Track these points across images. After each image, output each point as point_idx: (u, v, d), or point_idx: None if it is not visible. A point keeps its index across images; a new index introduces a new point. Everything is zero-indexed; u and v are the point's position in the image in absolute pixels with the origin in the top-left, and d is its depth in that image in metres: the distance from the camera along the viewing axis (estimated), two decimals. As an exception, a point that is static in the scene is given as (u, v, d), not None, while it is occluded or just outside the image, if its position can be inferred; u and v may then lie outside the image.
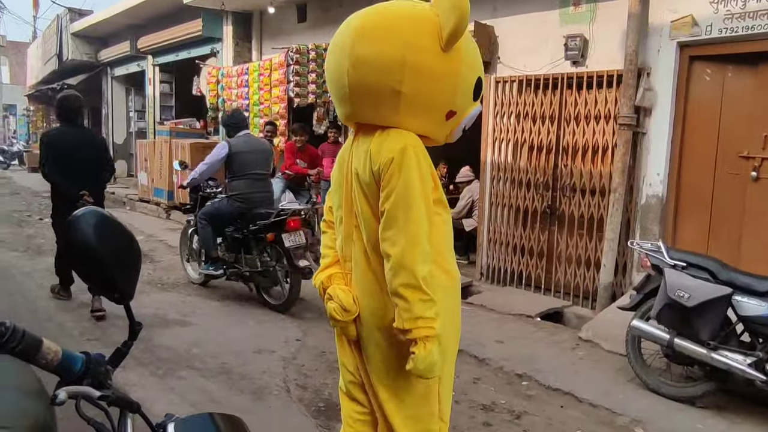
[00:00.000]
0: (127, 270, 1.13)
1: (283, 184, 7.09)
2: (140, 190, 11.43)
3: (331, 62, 1.73)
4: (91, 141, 4.85)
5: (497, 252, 6.18)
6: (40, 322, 4.42)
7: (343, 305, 1.75)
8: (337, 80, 1.70)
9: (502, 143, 6.09)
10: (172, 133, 10.08)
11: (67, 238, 1.08)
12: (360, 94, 1.67)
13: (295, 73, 7.35)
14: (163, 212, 10.38)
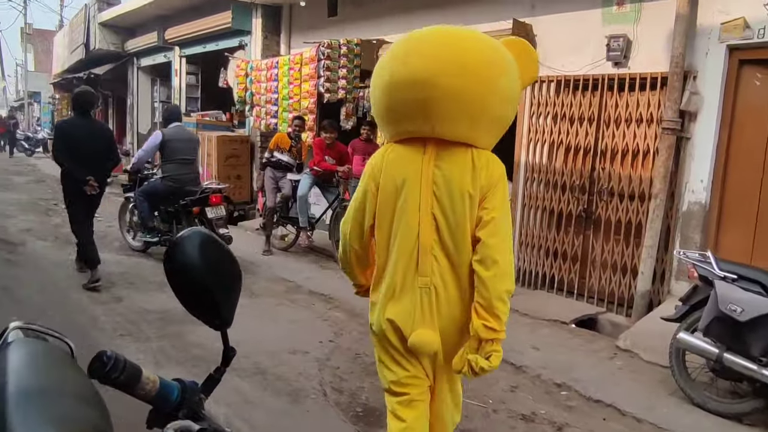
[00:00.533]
0: (230, 294, 1.07)
1: (311, 180, 7.04)
2: (165, 181, 11.44)
3: (457, 85, 1.79)
4: (100, 132, 5.38)
5: (529, 255, 6.07)
6: (71, 314, 4.43)
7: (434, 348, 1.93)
8: (469, 103, 1.81)
9: (537, 144, 5.97)
10: (198, 125, 10.10)
11: (170, 260, 1.04)
12: (486, 120, 1.86)
13: (325, 68, 7.28)
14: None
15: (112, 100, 16.91)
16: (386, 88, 1.88)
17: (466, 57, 1.80)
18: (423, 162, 1.87)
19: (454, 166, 1.84)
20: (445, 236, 1.85)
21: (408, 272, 1.90)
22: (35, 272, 5.63)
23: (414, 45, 1.87)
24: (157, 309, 4.64)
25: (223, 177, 9.48)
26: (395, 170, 1.90)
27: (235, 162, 9.64)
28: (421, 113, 1.83)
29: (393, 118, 1.92)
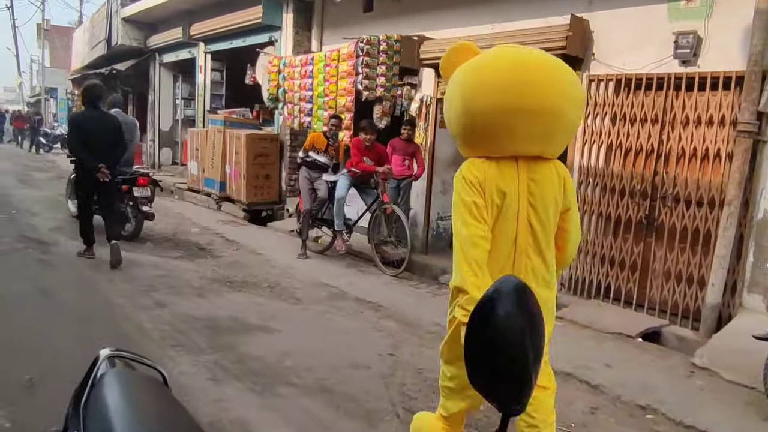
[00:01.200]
0: (537, 363, 0.83)
1: (348, 182, 6.78)
2: (190, 179, 11.29)
3: (576, 108, 2.11)
4: (110, 124, 5.79)
5: (582, 262, 5.80)
6: (117, 323, 4.22)
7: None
8: (574, 129, 2.17)
9: (593, 146, 5.70)
10: (226, 123, 9.89)
11: (484, 322, 0.79)
12: (568, 131, 2.15)
13: (364, 65, 7.04)
14: (214, 203, 10.25)
15: (132, 97, 16.75)
16: (512, 114, 2.01)
17: (575, 89, 2.11)
18: (519, 176, 2.11)
19: (545, 179, 2.14)
20: (540, 238, 2.15)
21: (505, 272, 2.06)
22: (72, 274, 5.44)
23: (529, 75, 2.02)
24: (204, 317, 4.43)
25: (252, 176, 9.31)
26: (499, 185, 2.09)
27: (264, 161, 9.43)
28: (543, 137, 2.07)
29: (509, 139, 2.07)
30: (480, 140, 2.14)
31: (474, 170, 2.11)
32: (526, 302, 0.83)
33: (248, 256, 6.80)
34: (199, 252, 6.88)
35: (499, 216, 2.12)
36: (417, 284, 6.14)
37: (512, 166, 2.11)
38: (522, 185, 2.12)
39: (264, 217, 9.63)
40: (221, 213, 9.90)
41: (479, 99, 2.07)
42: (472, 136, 2.17)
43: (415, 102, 7.37)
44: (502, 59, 2.10)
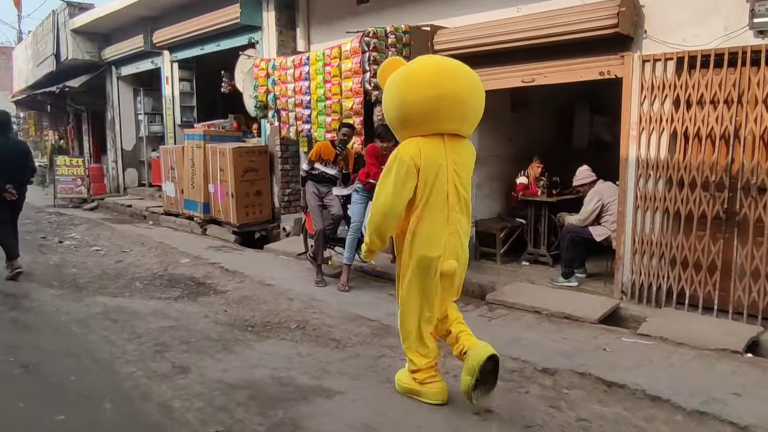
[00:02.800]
0: None
1: (365, 198, 5.91)
2: (166, 202, 10.29)
3: (480, 100, 3.13)
4: (16, 147, 6.37)
5: (646, 265, 5.18)
6: (133, 403, 3.32)
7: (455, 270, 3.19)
8: (480, 110, 3.16)
9: (651, 134, 5.08)
10: (206, 137, 8.98)
11: None
12: (475, 114, 3.16)
13: (372, 62, 6.25)
14: (198, 227, 9.32)
15: (87, 115, 15.45)
16: (435, 100, 2.95)
17: (478, 84, 3.11)
18: (446, 150, 3.05)
19: (464, 153, 3.15)
20: (462, 197, 3.14)
21: (441, 224, 3.08)
22: (57, 337, 4.47)
23: (450, 73, 3.03)
24: (242, 381, 3.57)
25: (242, 194, 8.47)
26: (434, 158, 3.02)
27: (253, 176, 8.57)
28: (458, 118, 3.04)
29: (434, 120, 3.01)
30: (415, 123, 3.07)
31: (411, 150, 3.04)
32: None
33: (258, 289, 5.94)
34: (199, 289, 5.98)
35: (436, 181, 3.04)
36: (463, 306, 5.32)
37: (440, 143, 3.06)
38: (449, 158, 3.07)
39: (258, 238, 8.76)
40: (208, 238, 8.98)
41: (412, 93, 3.01)
42: (409, 121, 3.09)
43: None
44: (427, 63, 3.18)
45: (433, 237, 3.07)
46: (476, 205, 7.01)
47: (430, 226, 3.06)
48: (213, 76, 11.12)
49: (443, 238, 3.09)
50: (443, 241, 3.09)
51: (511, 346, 4.24)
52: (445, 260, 3.10)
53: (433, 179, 3.01)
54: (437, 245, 3.08)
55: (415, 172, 2.99)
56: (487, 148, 7.06)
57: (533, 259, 6.84)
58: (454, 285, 3.27)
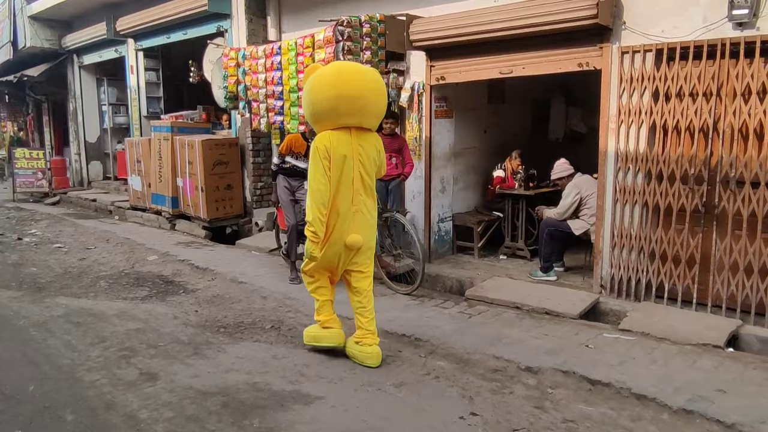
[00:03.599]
0: None
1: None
2: (132, 196, 9.94)
3: (377, 96, 3.74)
4: None
5: (625, 259, 5.15)
6: (96, 413, 3.11)
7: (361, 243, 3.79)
8: (379, 108, 3.79)
9: (630, 127, 5.03)
10: (174, 129, 8.66)
11: None
12: (381, 116, 3.88)
13: (346, 51, 6.05)
14: (166, 222, 9.03)
15: (47, 106, 14.83)
16: (335, 99, 3.58)
17: (378, 82, 3.78)
18: (352, 142, 3.66)
19: (368, 144, 3.75)
20: (366, 183, 3.76)
21: (347, 204, 3.69)
22: (15, 342, 4.21)
23: (348, 75, 3.65)
24: (214, 388, 3.39)
25: (212, 188, 8.23)
26: (341, 148, 3.63)
27: (223, 170, 8.31)
28: (358, 113, 3.65)
29: (336, 116, 3.63)
30: (323, 119, 3.68)
31: (324, 141, 3.62)
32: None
33: (230, 287, 5.74)
34: (168, 288, 5.76)
35: (344, 168, 3.63)
36: (442, 303, 5.30)
37: (348, 135, 3.66)
38: (355, 148, 3.67)
39: (229, 234, 8.53)
40: (177, 233, 8.70)
41: (318, 93, 3.64)
42: (318, 117, 3.70)
43: (405, 91, 6.52)
44: (332, 68, 3.79)
45: (344, 214, 3.69)
46: (453, 199, 6.95)
47: (341, 206, 3.68)
48: (180, 65, 10.78)
49: (350, 215, 3.71)
50: (350, 218, 3.71)
51: (494, 344, 4.16)
52: (350, 233, 3.71)
53: (341, 166, 3.62)
54: (346, 221, 3.71)
55: (327, 159, 3.59)
56: (464, 140, 6.98)
57: (511, 253, 6.79)
58: (358, 255, 3.83)
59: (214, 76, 8.60)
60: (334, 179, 3.63)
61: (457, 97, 6.74)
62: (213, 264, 6.57)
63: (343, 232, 3.71)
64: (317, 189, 3.61)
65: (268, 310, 5.02)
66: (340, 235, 3.71)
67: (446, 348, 4.12)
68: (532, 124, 8.08)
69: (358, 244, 3.74)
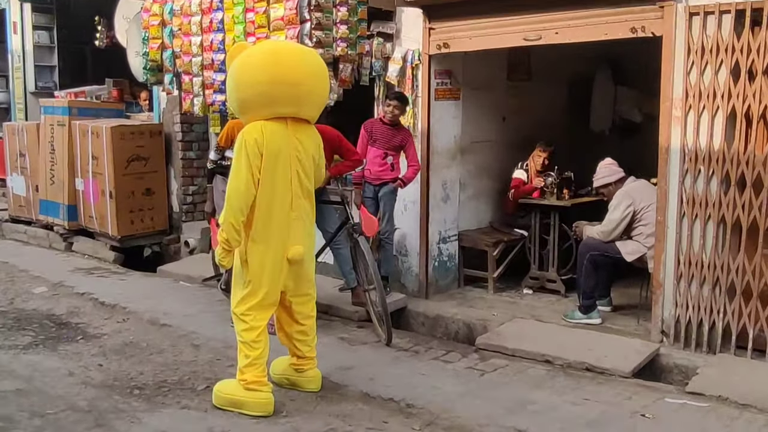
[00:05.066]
0: None
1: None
2: (12, 204, 10.04)
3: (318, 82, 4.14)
4: None
5: (695, 296, 5.21)
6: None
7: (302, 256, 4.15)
8: (321, 95, 4.22)
9: (702, 115, 5.11)
10: (72, 111, 8.72)
11: None
12: (323, 105, 4.32)
13: (314, 7, 6.11)
14: (60, 240, 9.14)
15: None
16: (269, 84, 3.90)
17: (319, 67, 4.18)
18: (288, 135, 4.02)
19: (307, 137, 4.14)
20: (305, 184, 4.12)
21: (286, 210, 4.04)
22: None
23: (284, 57, 4.05)
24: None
25: (125, 193, 8.38)
26: (276, 142, 3.95)
27: (141, 168, 8.42)
28: (296, 101, 4.01)
29: (270, 104, 3.97)
30: (253, 107, 4.02)
31: (255, 133, 3.91)
32: None
33: (149, 332, 5.73)
34: (61, 332, 5.74)
35: (279, 166, 3.95)
36: (443, 354, 5.33)
37: (284, 127, 4.00)
38: (292, 143, 4.01)
39: (148, 257, 8.62)
40: (75, 256, 8.78)
41: (247, 77, 3.98)
42: (247, 105, 4.05)
43: (395, 62, 6.62)
44: (263, 47, 4.53)
45: (280, 223, 4.03)
46: (459, 211, 7.00)
47: (277, 212, 4.01)
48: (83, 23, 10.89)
49: (288, 224, 4.05)
50: (289, 227, 4.06)
51: (516, 413, 4.19)
52: (291, 245, 4.05)
53: (275, 163, 3.95)
54: (284, 231, 4.05)
55: (259, 156, 3.88)
56: (474, 131, 7.06)
57: (539, 286, 6.86)
58: (301, 273, 4.24)
59: (129, 38, 8.76)
60: (267, 180, 3.94)
61: (466, 71, 6.82)
62: (125, 299, 6.59)
63: (283, 245, 4.04)
64: (239, 189, 3.90)
65: (201, 363, 5.02)
66: (281, 248, 4.03)
67: (449, 418, 4.12)
68: (569, 110, 8.18)
69: (301, 257, 4.12)
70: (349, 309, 6.19)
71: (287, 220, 4.04)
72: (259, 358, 4.10)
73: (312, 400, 4.39)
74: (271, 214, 3.99)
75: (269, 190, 3.96)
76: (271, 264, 4.03)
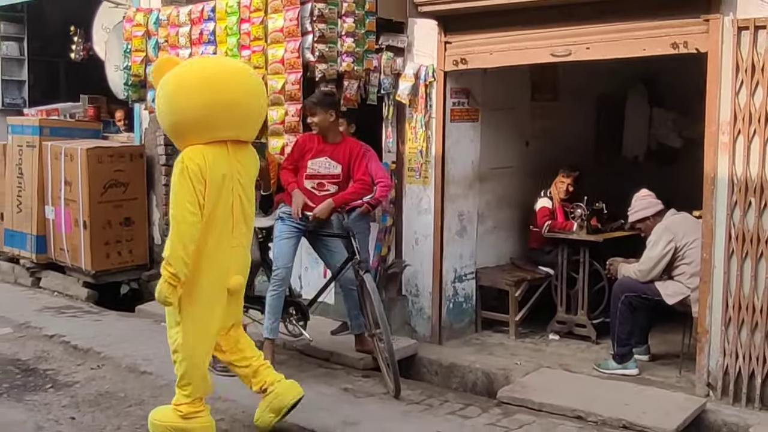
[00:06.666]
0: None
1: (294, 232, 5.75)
2: (-27, 233, 9.92)
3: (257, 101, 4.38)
4: None
5: (746, 344, 5.16)
6: None
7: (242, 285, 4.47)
8: (261, 113, 4.51)
9: (753, 141, 5.10)
10: (43, 130, 8.74)
11: None
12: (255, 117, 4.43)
13: (317, 18, 6.15)
14: (25, 274, 9.17)
15: None
16: (206, 108, 4.05)
17: (258, 85, 4.49)
18: (230, 159, 4.20)
19: (247, 159, 4.39)
20: (246, 209, 4.36)
21: (227, 237, 4.24)
22: None
23: (220, 76, 4.21)
24: None
25: (100, 223, 8.40)
26: (218, 168, 4.11)
27: (120, 195, 8.41)
28: (236, 124, 4.21)
29: (208, 129, 4.11)
30: (190, 132, 4.15)
31: (196, 158, 4.03)
32: None
33: (126, 380, 5.71)
34: (27, 380, 5.72)
35: (222, 190, 4.12)
36: (460, 408, 5.26)
37: (224, 150, 4.17)
38: (233, 167, 4.20)
39: (126, 295, 8.64)
40: (43, 293, 8.80)
41: (182, 99, 4.10)
42: (183, 128, 4.21)
43: (406, 79, 6.63)
44: (196, 67, 4.52)
45: (221, 251, 4.20)
46: (477, 246, 6.97)
47: (217, 241, 4.18)
48: (57, 34, 11.07)
49: (229, 252, 4.26)
50: (229, 256, 4.27)
51: (545, 477, 4.10)
52: (231, 275, 4.28)
53: (219, 189, 4.11)
54: (225, 260, 4.24)
55: (202, 183, 4.02)
56: (494, 156, 7.07)
57: (567, 331, 6.83)
58: (239, 302, 4.56)
59: (109, 50, 8.80)
60: (210, 207, 4.08)
61: (486, 90, 6.86)
62: (99, 342, 6.58)
63: (225, 273, 4.24)
64: (185, 221, 4.01)
65: (186, 418, 4.94)
66: (222, 276, 4.22)
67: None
68: (599, 134, 8.20)
69: (241, 287, 4.42)
70: (352, 356, 6.13)
71: (228, 249, 4.22)
72: (197, 391, 4.30)
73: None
74: (212, 243, 4.14)
75: (211, 218, 4.10)
76: (211, 296, 4.20)
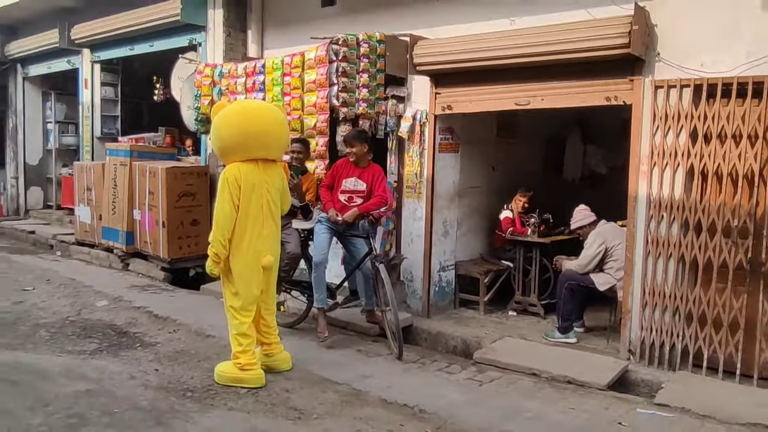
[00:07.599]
0: None
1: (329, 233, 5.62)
2: (79, 229, 9.70)
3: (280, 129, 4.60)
4: None
5: (658, 321, 5.11)
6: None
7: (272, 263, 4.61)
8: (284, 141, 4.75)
9: (665, 170, 5.06)
10: (133, 153, 8.52)
11: None
12: (286, 148, 4.99)
13: (341, 73, 6.06)
14: (118, 261, 8.82)
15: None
16: (243, 136, 4.39)
17: (280, 117, 4.66)
18: (259, 172, 4.46)
19: (274, 174, 4.59)
20: (273, 210, 4.57)
21: (258, 229, 4.47)
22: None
23: (252, 113, 4.53)
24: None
25: (175, 223, 8.07)
26: (250, 178, 4.41)
27: (189, 202, 8.17)
28: (264, 147, 4.48)
29: (244, 150, 4.43)
30: (232, 153, 4.45)
31: (234, 171, 4.38)
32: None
33: (196, 342, 5.55)
34: (121, 340, 5.53)
35: (253, 196, 4.41)
36: (446, 366, 5.18)
37: (256, 166, 4.45)
38: (262, 178, 4.46)
39: (193, 277, 8.35)
40: (131, 274, 8.50)
41: (225, 130, 4.43)
42: (227, 150, 4.49)
43: (406, 120, 6.52)
44: (236, 107, 4.83)
45: (255, 238, 4.44)
46: (456, 244, 6.89)
47: (251, 231, 4.42)
48: (142, 81, 10.80)
49: (262, 239, 4.47)
50: (262, 241, 4.48)
51: (512, 419, 4.06)
52: (264, 255, 4.48)
53: (250, 194, 4.39)
54: (258, 244, 4.46)
55: (238, 188, 4.34)
56: (469, 178, 6.99)
57: (522, 309, 6.75)
58: (271, 276, 4.68)
59: (183, 95, 8.58)
60: (244, 207, 4.40)
61: (464, 129, 6.77)
62: (175, 312, 6.39)
63: (258, 254, 4.47)
64: (223, 216, 4.38)
65: (242, 370, 4.82)
66: (256, 256, 4.47)
67: (456, 423, 3.98)
68: (546, 163, 8.14)
69: (271, 264, 4.58)
70: (365, 325, 6.03)
71: (261, 236, 4.47)
72: (249, 345, 4.52)
73: (338, 404, 4.24)
74: (249, 231, 4.42)
75: (245, 214, 4.39)
76: (249, 271, 4.45)
